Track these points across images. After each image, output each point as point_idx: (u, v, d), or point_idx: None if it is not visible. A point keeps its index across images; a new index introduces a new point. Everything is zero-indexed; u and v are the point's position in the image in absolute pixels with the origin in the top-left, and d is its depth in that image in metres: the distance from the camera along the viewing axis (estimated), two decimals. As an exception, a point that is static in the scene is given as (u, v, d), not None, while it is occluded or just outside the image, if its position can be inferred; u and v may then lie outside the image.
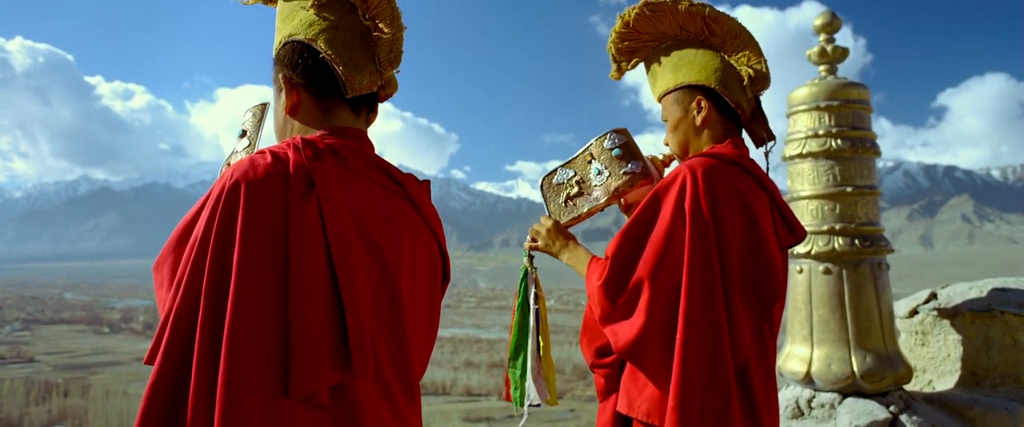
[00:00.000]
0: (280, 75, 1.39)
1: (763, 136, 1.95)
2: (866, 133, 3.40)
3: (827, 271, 3.30)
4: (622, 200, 2.05)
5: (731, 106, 1.91)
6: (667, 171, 2.12)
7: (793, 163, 3.48)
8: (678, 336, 1.67)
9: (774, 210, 1.88)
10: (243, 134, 1.63)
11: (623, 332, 1.74)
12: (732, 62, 1.92)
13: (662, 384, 1.72)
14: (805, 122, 3.44)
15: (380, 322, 1.27)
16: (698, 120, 1.92)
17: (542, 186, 2.05)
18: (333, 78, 1.36)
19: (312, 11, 1.38)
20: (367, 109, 1.43)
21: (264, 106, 1.64)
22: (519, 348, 2.02)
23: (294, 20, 1.40)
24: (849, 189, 3.31)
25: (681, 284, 1.69)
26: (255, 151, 1.56)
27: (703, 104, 1.91)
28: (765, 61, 1.91)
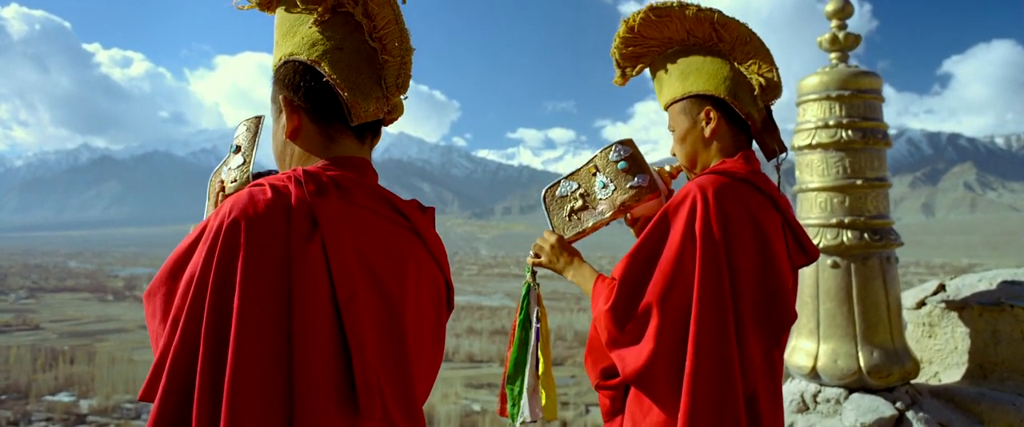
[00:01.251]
0: (280, 96, 1.32)
1: (774, 148, 1.87)
2: (877, 123, 3.33)
3: (835, 265, 3.25)
4: (628, 214, 1.97)
5: (741, 117, 1.84)
6: (675, 183, 2.06)
7: (802, 154, 3.41)
8: (688, 364, 1.63)
9: (786, 230, 1.81)
10: (237, 149, 1.56)
11: (631, 359, 1.69)
12: (742, 70, 1.84)
13: (669, 410, 1.68)
14: (815, 111, 3.36)
15: (385, 362, 1.24)
16: (707, 131, 1.84)
17: (545, 198, 1.98)
18: (337, 103, 1.29)
19: (314, 29, 1.30)
20: (371, 135, 1.36)
21: (259, 120, 1.57)
22: (518, 366, 1.95)
23: (295, 37, 1.32)
24: (859, 182, 3.25)
25: (691, 309, 1.64)
26: (250, 168, 1.51)
27: (712, 115, 1.83)
28: (777, 69, 1.83)
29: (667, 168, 2.04)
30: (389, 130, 1.35)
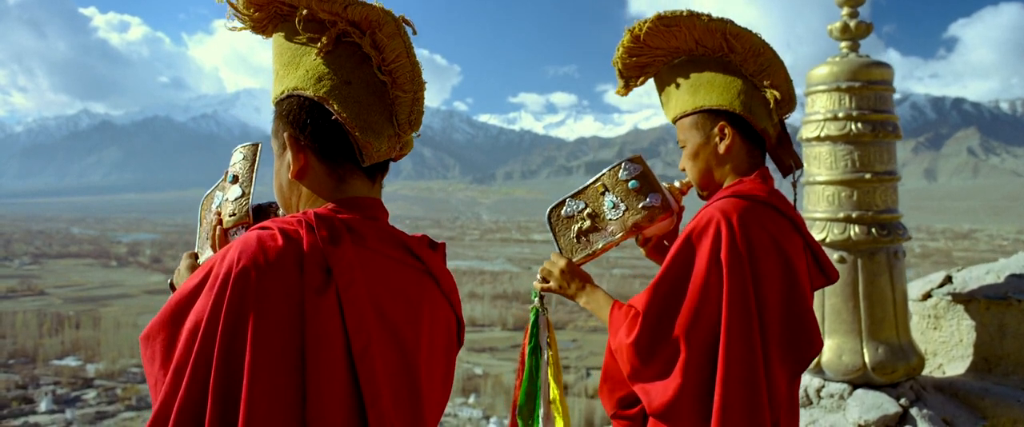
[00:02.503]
0: (285, 134, 1.25)
1: (790, 164, 1.81)
2: (888, 116, 3.26)
3: (842, 260, 3.21)
4: (639, 234, 1.90)
5: (756, 132, 1.77)
6: (685, 200, 1.99)
7: (810, 145, 3.34)
8: (717, 398, 1.59)
9: (807, 253, 1.77)
10: (235, 179, 1.50)
11: (656, 393, 1.64)
12: (755, 83, 1.76)
13: None
14: (824, 103, 3.29)
15: (399, 410, 1.22)
16: (722, 148, 1.76)
17: (550, 218, 1.91)
18: (347, 142, 1.22)
19: (319, 60, 1.22)
20: (381, 173, 1.30)
21: (256, 147, 1.51)
22: (530, 397, 1.90)
23: (298, 70, 1.24)
24: (867, 176, 3.19)
25: (718, 340, 1.59)
26: (249, 201, 1.46)
27: (727, 131, 1.76)
28: (791, 82, 1.76)
29: (676, 184, 1.96)
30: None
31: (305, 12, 1.23)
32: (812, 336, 1.68)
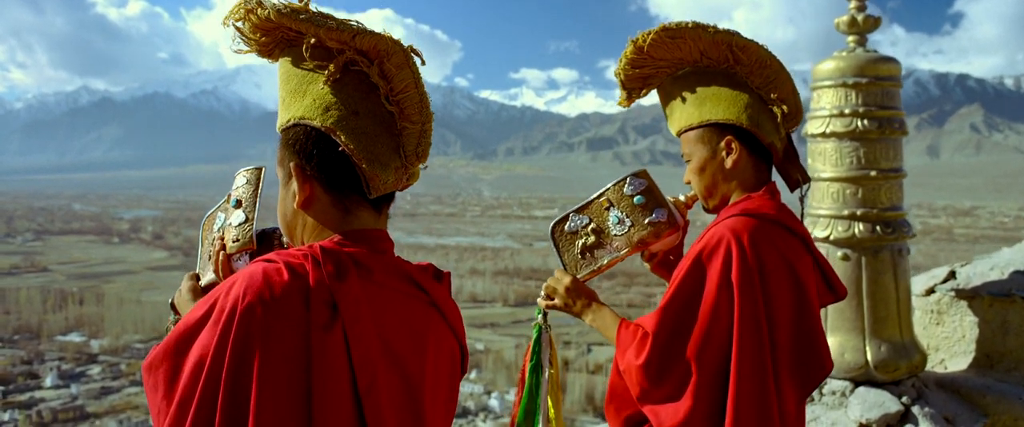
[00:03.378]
0: (291, 163, 1.23)
1: (797, 178, 1.78)
2: (895, 112, 3.22)
3: (846, 257, 3.19)
4: (646, 250, 1.88)
5: (764, 147, 1.74)
6: (689, 213, 1.98)
7: (815, 142, 3.31)
8: (728, 421, 1.58)
9: (817, 271, 1.75)
10: (238, 204, 1.49)
11: (667, 416, 1.64)
12: (761, 96, 1.73)
13: None
14: (830, 98, 3.25)
15: None
16: (729, 163, 1.74)
17: (553, 233, 1.88)
18: (354, 174, 1.21)
19: (327, 90, 1.21)
20: (387, 204, 1.29)
21: (260, 171, 1.51)
22: (529, 414, 1.90)
23: (305, 98, 1.22)
24: (873, 173, 3.16)
25: (729, 362, 1.59)
26: (253, 226, 1.46)
27: (734, 146, 1.73)
28: (798, 95, 1.73)
29: (681, 197, 1.93)
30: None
31: (313, 40, 1.22)
32: (822, 356, 1.67)
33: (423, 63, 1.26)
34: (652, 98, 1.94)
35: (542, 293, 1.89)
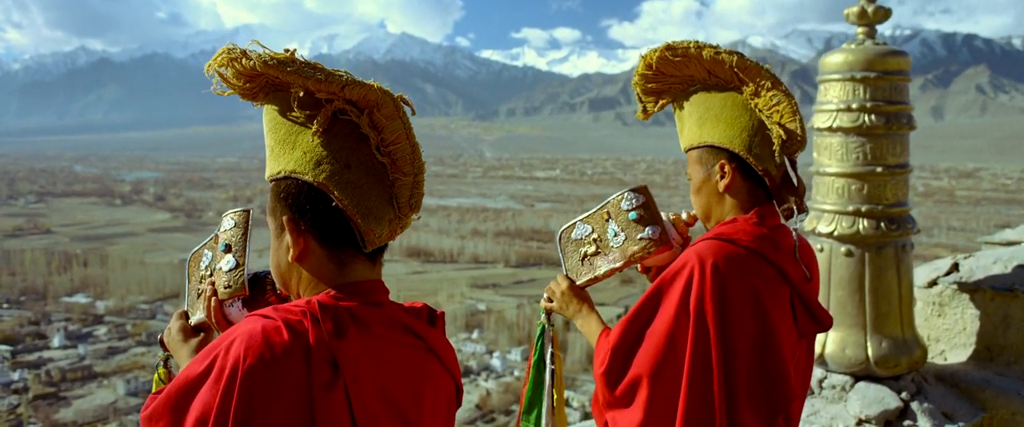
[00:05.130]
0: (285, 217, 1.22)
1: (791, 208, 1.75)
2: (903, 107, 3.18)
3: (849, 253, 3.19)
4: (640, 264, 1.91)
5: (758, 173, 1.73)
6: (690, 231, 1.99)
7: (821, 135, 3.28)
8: None
9: (795, 301, 1.74)
10: (227, 248, 1.48)
11: (623, 422, 1.71)
12: (763, 119, 1.71)
13: None
14: (837, 92, 3.21)
15: None
16: (721, 187, 1.73)
17: (560, 239, 1.95)
18: (348, 228, 1.21)
19: (317, 142, 1.19)
20: (381, 253, 1.29)
21: (247, 214, 1.50)
22: (533, 403, 2.01)
23: (296, 151, 1.21)
24: (879, 169, 3.14)
25: (681, 390, 1.63)
26: (244, 271, 1.45)
27: (727, 170, 1.72)
28: (801, 119, 1.70)
29: (683, 216, 1.94)
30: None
31: (301, 93, 1.21)
32: (786, 387, 1.68)
33: (413, 113, 1.25)
34: None
35: (544, 295, 1.97)
